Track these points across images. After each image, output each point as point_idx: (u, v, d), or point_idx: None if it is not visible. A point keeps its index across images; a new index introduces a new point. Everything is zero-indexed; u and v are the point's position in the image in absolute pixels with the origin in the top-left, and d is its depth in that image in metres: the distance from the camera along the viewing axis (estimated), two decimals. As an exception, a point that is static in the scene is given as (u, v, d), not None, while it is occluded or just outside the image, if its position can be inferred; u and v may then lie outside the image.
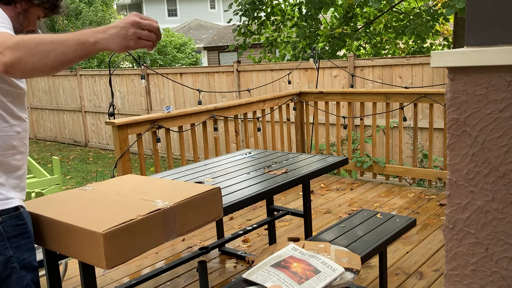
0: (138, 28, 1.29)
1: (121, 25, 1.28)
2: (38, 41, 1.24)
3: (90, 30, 1.27)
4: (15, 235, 1.40)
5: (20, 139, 1.46)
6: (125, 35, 1.27)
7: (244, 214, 4.15)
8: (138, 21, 1.29)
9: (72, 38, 1.26)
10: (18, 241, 1.40)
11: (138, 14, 1.32)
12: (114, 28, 1.27)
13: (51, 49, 1.24)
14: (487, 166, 1.00)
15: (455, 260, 1.07)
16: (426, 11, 7.52)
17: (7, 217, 1.38)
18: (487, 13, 0.98)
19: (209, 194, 1.69)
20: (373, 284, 2.80)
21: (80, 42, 1.25)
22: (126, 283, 2.47)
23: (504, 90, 0.96)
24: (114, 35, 1.27)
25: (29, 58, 1.23)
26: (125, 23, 1.28)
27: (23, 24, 1.51)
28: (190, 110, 4.06)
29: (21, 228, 1.42)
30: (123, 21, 1.29)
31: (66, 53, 1.25)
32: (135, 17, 1.29)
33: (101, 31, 1.27)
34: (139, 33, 1.29)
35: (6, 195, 1.40)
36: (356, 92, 4.96)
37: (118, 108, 9.41)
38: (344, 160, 2.85)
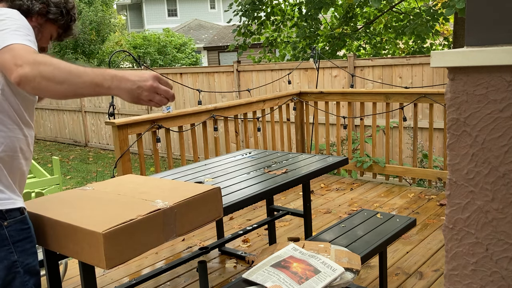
0: (153, 93, 1.32)
1: (138, 83, 1.30)
2: (56, 67, 1.27)
3: (108, 73, 1.30)
4: (20, 239, 1.40)
5: (27, 144, 1.48)
6: (139, 94, 1.31)
7: (244, 214, 4.15)
8: (156, 86, 1.32)
9: (89, 76, 1.29)
10: (23, 245, 1.41)
11: (158, 77, 1.34)
12: (131, 82, 1.30)
13: (66, 80, 1.28)
14: (487, 166, 1.00)
15: (455, 260, 1.07)
16: (426, 11, 7.52)
17: (13, 221, 1.38)
18: (487, 13, 0.98)
19: (209, 194, 1.69)
20: (373, 284, 2.80)
21: (94, 83, 1.29)
22: (126, 283, 2.47)
23: (504, 90, 0.96)
24: (128, 90, 1.30)
25: (44, 80, 1.26)
26: (142, 83, 1.31)
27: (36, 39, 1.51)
28: (190, 110, 4.06)
29: (25, 232, 1.42)
30: (141, 78, 1.31)
31: (79, 87, 1.29)
32: (153, 82, 1.32)
33: (118, 79, 1.30)
34: (153, 97, 1.33)
35: (11, 196, 1.41)
36: (356, 92, 4.96)
37: (118, 108, 9.41)
38: (344, 160, 2.85)
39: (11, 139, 1.40)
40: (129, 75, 1.31)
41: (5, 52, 1.31)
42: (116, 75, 1.30)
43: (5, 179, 1.40)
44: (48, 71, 1.26)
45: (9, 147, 1.40)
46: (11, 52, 1.30)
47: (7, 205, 1.38)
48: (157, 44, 17.84)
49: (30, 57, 1.28)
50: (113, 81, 1.29)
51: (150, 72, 1.35)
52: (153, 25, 27.64)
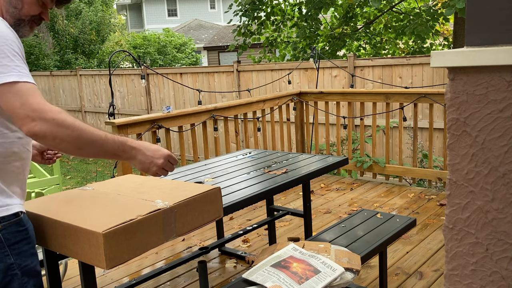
0: (161, 169, 1.52)
1: (152, 159, 1.47)
2: (78, 133, 1.30)
3: (128, 145, 1.42)
4: (16, 241, 1.38)
5: (22, 144, 1.43)
6: (149, 168, 1.49)
7: (244, 214, 4.15)
8: (166, 164, 1.52)
9: (110, 146, 1.37)
10: (20, 248, 1.38)
11: (170, 156, 1.51)
12: (145, 157, 1.46)
13: (87, 147, 1.33)
14: (487, 166, 1.00)
15: (455, 260, 1.07)
16: (426, 11, 7.52)
17: (7, 223, 1.36)
18: (487, 13, 0.98)
19: (209, 194, 1.69)
20: (373, 284, 2.80)
21: (114, 154, 1.40)
22: (126, 283, 2.47)
23: (504, 90, 0.96)
24: (141, 162, 1.47)
25: (63, 143, 1.29)
26: (155, 160, 1.48)
27: (17, 7, 1.41)
28: (190, 110, 4.06)
29: (22, 234, 1.40)
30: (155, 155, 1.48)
31: (98, 154, 1.37)
32: (165, 161, 1.50)
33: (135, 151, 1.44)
34: (160, 171, 1.53)
35: (5, 201, 1.38)
36: (356, 92, 4.96)
37: (118, 108, 9.41)
38: (344, 160, 2.85)
39: (2, 145, 1.36)
40: (145, 149, 1.46)
41: (7, 92, 1.25)
42: (134, 148, 1.43)
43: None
44: (70, 137, 1.28)
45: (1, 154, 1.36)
46: (17, 96, 1.25)
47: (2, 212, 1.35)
48: (157, 44, 17.84)
49: (47, 114, 1.26)
50: (131, 153, 1.43)
51: (164, 151, 1.50)
52: (153, 25, 27.63)
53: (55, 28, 15.27)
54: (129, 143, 1.42)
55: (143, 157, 1.45)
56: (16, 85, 1.26)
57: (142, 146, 1.45)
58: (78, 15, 16.80)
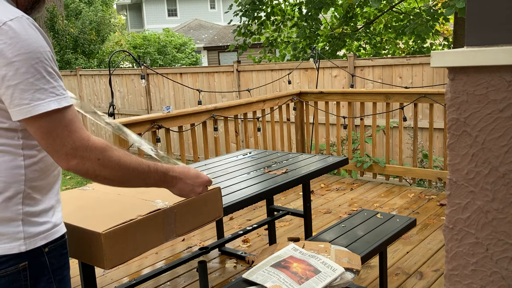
0: (197, 194, 1.49)
1: (192, 187, 1.45)
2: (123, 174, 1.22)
3: (170, 175, 1.37)
4: (60, 266, 1.22)
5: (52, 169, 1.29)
6: (187, 194, 1.46)
7: (244, 214, 4.15)
8: (202, 191, 1.50)
9: (152, 179, 1.31)
10: (62, 273, 1.23)
11: (209, 182, 1.50)
12: (186, 185, 1.43)
13: (129, 182, 1.27)
14: (487, 166, 1.00)
15: (455, 260, 1.07)
16: (426, 11, 7.52)
17: (53, 246, 1.19)
18: (487, 13, 0.98)
19: (209, 194, 1.69)
20: (373, 284, 2.80)
21: (155, 184, 1.35)
22: (126, 283, 2.47)
23: (504, 90, 0.96)
24: (181, 189, 1.43)
25: (105, 180, 1.20)
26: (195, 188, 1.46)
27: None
28: (190, 110, 4.05)
29: (64, 258, 1.24)
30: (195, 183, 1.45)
31: (139, 185, 1.32)
32: (204, 188, 1.49)
33: (177, 181, 1.40)
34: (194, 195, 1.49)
35: (53, 221, 1.20)
36: (356, 92, 4.95)
37: (118, 108, 9.41)
38: (344, 160, 2.85)
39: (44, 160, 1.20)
40: (186, 178, 1.42)
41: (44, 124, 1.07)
42: (176, 178, 1.39)
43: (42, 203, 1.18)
44: (114, 176, 1.20)
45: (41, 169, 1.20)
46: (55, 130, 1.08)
47: (50, 237, 1.19)
48: (157, 44, 17.85)
49: (91, 153, 1.13)
50: (172, 183, 1.38)
51: (204, 178, 1.47)
52: (153, 25, 27.63)
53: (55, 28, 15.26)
54: (171, 173, 1.37)
55: (183, 185, 1.42)
56: (54, 115, 1.08)
57: (183, 175, 1.41)
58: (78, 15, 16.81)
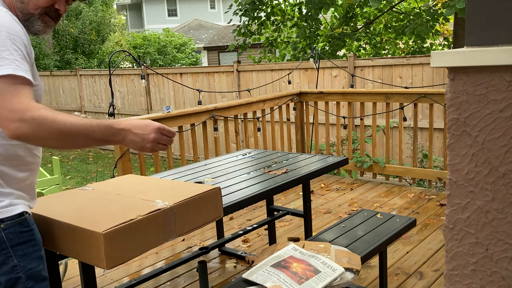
0: (156, 143, 1.40)
1: (142, 136, 1.37)
2: (61, 128, 1.22)
3: (115, 128, 1.33)
4: (20, 242, 1.32)
5: (28, 149, 1.37)
6: (143, 146, 1.39)
7: (244, 214, 4.15)
8: (159, 138, 1.40)
9: (97, 134, 1.29)
10: (24, 249, 1.32)
11: (161, 128, 1.40)
12: (135, 135, 1.36)
13: (73, 140, 1.27)
14: (487, 166, 1.00)
15: (455, 260, 1.07)
16: (426, 11, 7.52)
17: (10, 223, 1.30)
18: (487, 13, 0.98)
19: (209, 194, 1.69)
20: (373, 284, 2.80)
21: (103, 140, 1.32)
22: (126, 283, 2.47)
23: (504, 90, 0.96)
24: (133, 142, 1.37)
25: (49, 140, 1.23)
26: (146, 136, 1.38)
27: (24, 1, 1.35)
28: (190, 110, 4.06)
29: (27, 235, 1.34)
30: (145, 131, 1.37)
31: (87, 143, 1.30)
32: (156, 134, 1.39)
33: (124, 132, 1.35)
34: (155, 146, 1.41)
35: (9, 201, 1.32)
36: (356, 92, 4.95)
37: (118, 108, 9.41)
38: (344, 160, 2.85)
39: (3, 147, 1.31)
40: (134, 127, 1.36)
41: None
42: (123, 129, 1.34)
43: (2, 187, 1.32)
44: (53, 133, 1.21)
45: (2, 156, 1.31)
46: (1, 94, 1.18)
47: (5, 214, 1.30)
48: (157, 44, 17.85)
49: (26, 114, 1.18)
50: (120, 135, 1.34)
51: (154, 124, 1.40)
52: (153, 25, 27.64)
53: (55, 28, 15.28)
54: (116, 125, 1.34)
55: (133, 136, 1.36)
56: (6, 79, 1.20)
57: (130, 125, 1.36)
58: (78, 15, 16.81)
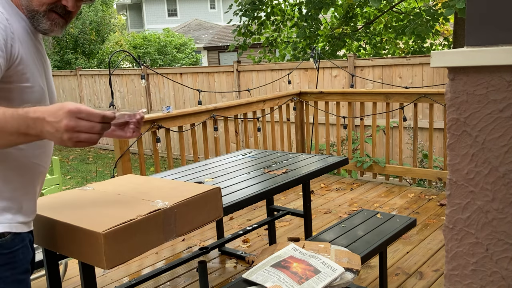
0: (74, 132, 1.06)
1: (55, 125, 1.05)
2: None
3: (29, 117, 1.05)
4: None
5: (24, 156, 1.26)
6: (60, 138, 1.07)
7: (244, 214, 4.15)
8: (74, 125, 1.05)
9: (10, 124, 1.05)
10: (1, 273, 1.21)
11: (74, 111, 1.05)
12: (49, 125, 1.05)
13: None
14: (487, 166, 1.00)
15: (455, 260, 1.07)
16: (426, 11, 7.52)
17: None
18: (487, 13, 0.98)
19: (209, 194, 1.69)
20: (373, 284, 2.80)
21: (19, 133, 1.06)
22: (126, 283, 2.47)
23: (504, 90, 0.96)
24: (50, 134, 1.07)
25: None
26: (57, 124, 1.05)
27: None
28: (190, 110, 4.06)
29: (4, 258, 1.22)
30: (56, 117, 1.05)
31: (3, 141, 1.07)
32: (68, 121, 1.05)
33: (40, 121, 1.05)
34: (76, 137, 1.07)
35: None
36: (356, 92, 4.95)
37: (118, 108, 9.41)
38: (344, 160, 2.85)
39: None
40: (48, 115, 1.05)
41: None
42: (38, 118, 1.05)
43: None
44: None
45: None
46: None
47: None
48: (157, 44, 17.86)
49: None
50: (36, 126, 1.05)
51: (65, 107, 1.05)
52: (153, 25, 27.63)
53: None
54: (31, 114, 1.05)
55: (48, 126, 1.05)
56: None
57: (46, 112, 1.05)
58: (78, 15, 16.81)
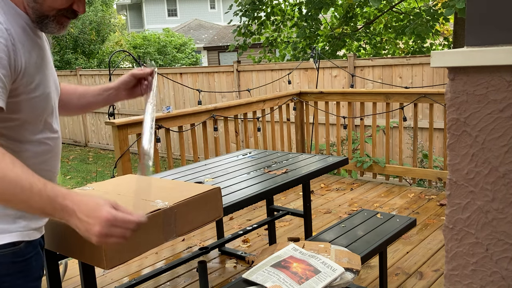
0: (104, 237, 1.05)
1: (86, 225, 1.05)
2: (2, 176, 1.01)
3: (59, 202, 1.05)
4: (8, 273, 1.18)
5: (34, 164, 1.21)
6: (87, 237, 1.06)
7: (244, 214, 4.15)
8: (107, 232, 1.05)
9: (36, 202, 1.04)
10: (12, 281, 1.19)
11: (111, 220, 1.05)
12: (79, 221, 1.05)
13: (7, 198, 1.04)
14: (487, 166, 1.00)
15: (455, 260, 1.07)
16: (426, 11, 7.52)
17: (1, 252, 1.16)
18: (487, 13, 0.98)
19: (209, 194, 1.69)
20: (373, 284, 2.80)
21: (44, 212, 1.07)
22: (126, 283, 2.47)
23: (504, 90, 0.96)
24: (77, 228, 1.07)
25: None
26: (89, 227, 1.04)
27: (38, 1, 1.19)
28: (190, 110, 4.06)
29: (18, 266, 1.20)
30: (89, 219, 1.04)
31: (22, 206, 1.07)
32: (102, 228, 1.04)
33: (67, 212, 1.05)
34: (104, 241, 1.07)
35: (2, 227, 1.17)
36: (356, 92, 4.95)
37: (118, 108, 9.41)
38: (344, 160, 2.85)
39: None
40: (79, 210, 1.05)
41: None
42: (66, 207, 1.05)
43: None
44: None
45: None
46: None
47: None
48: (157, 44, 17.86)
49: None
50: (63, 214, 1.05)
51: (102, 213, 1.04)
52: (153, 25, 27.63)
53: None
54: (60, 199, 1.04)
55: (77, 221, 1.05)
56: None
57: (77, 204, 1.05)
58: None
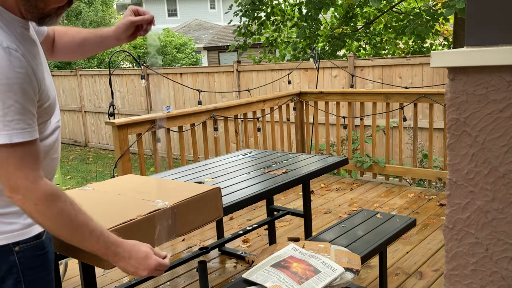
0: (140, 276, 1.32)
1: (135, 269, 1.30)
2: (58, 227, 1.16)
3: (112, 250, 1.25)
4: (33, 267, 1.24)
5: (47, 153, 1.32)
6: (131, 274, 1.31)
7: (244, 214, 4.15)
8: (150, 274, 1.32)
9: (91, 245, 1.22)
10: (34, 274, 1.24)
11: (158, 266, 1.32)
12: (129, 265, 1.28)
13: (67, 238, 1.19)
14: (487, 166, 1.00)
15: (455, 260, 1.07)
16: (426, 11, 7.52)
17: (26, 246, 1.22)
18: (487, 13, 0.98)
19: (209, 194, 1.69)
20: (373, 284, 2.80)
21: (95, 253, 1.25)
22: (126, 283, 2.47)
23: (504, 90, 0.96)
24: (124, 269, 1.29)
25: (41, 224, 1.16)
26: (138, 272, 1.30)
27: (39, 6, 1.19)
28: (190, 110, 4.06)
29: (40, 259, 1.26)
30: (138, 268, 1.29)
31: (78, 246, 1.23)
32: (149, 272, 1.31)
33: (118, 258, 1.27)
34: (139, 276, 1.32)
35: (24, 223, 1.22)
36: (356, 92, 4.95)
37: (118, 108, 9.41)
38: (344, 160, 2.85)
39: None
40: (129, 257, 1.27)
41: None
42: (119, 254, 1.26)
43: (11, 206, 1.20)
44: (49, 226, 1.16)
45: None
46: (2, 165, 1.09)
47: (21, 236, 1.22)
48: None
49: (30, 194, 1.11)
50: (114, 258, 1.27)
51: (151, 262, 1.30)
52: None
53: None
54: (114, 248, 1.25)
55: (126, 265, 1.28)
56: (3, 149, 1.08)
57: (129, 254, 1.27)
58: (78, 15, 16.81)
